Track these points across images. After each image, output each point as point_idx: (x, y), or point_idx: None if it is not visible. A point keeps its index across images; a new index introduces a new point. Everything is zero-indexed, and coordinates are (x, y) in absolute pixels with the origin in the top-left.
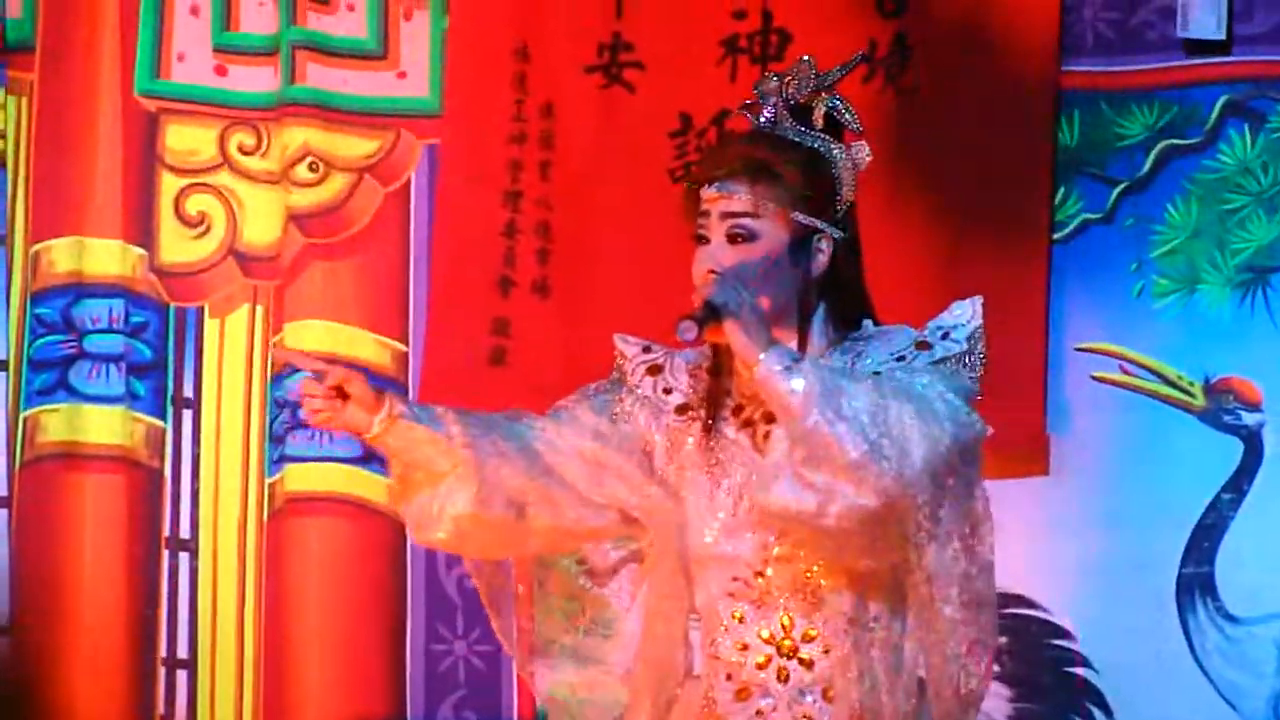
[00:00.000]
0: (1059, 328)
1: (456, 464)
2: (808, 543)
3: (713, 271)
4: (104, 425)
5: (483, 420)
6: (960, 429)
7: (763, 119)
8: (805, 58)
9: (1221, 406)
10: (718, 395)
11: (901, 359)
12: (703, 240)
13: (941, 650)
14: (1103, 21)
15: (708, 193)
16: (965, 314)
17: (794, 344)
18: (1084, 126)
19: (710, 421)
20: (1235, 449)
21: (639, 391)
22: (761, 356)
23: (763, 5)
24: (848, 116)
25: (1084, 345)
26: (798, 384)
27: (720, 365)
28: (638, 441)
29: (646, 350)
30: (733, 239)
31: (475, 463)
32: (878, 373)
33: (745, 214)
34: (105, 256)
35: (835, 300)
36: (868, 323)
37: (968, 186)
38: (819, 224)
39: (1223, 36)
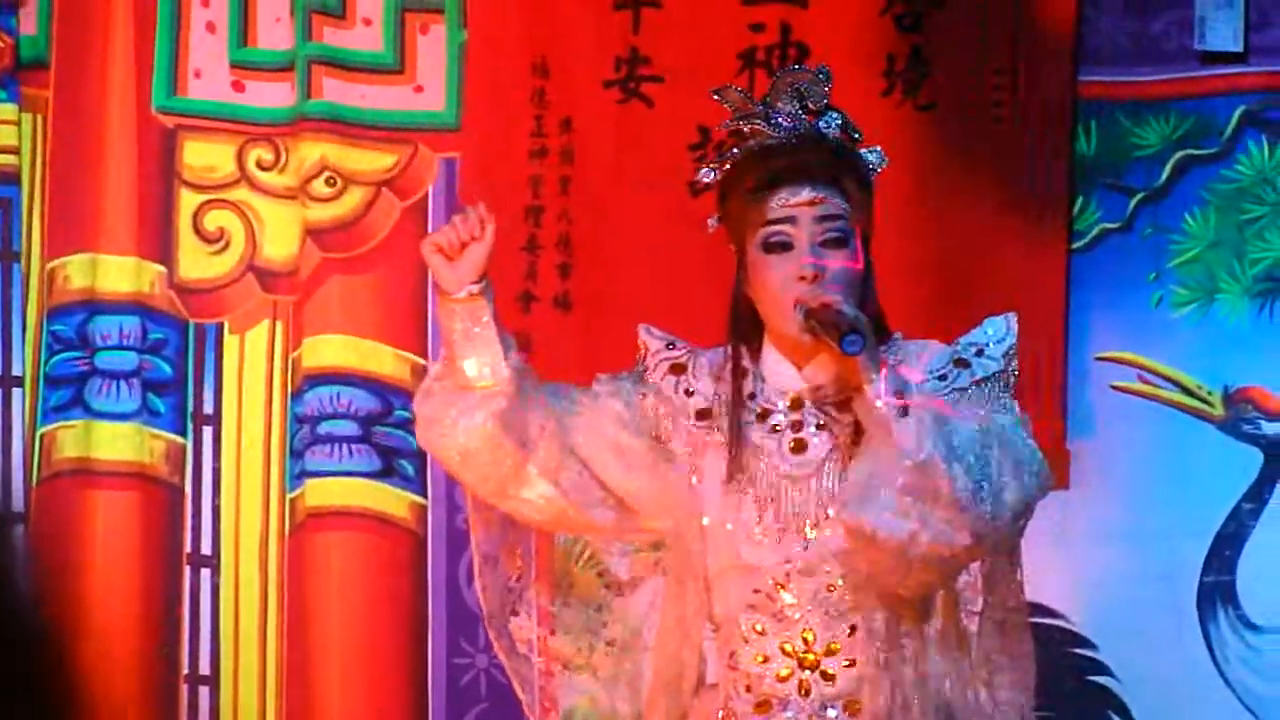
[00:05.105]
0: (1078, 337)
1: (494, 382)
2: (872, 567)
3: (818, 276)
4: (118, 442)
5: (533, 375)
6: (1043, 483)
7: (783, 123)
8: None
9: (1241, 416)
10: (741, 400)
11: (943, 378)
12: (782, 247)
13: (961, 669)
14: (1120, 32)
15: (795, 197)
16: (999, 331)
17: None
18: (1101, 136)
19: (734, 429)
20: (1255, 458)
21: (660, 389)
22: (875, 377)
23: (781, 18)
24: (854, 128)
25: (1103, 355)
26: (913, 412)
27: (742, 368)
28: (658, 434)
29: (670, 346)
30: (830, 244)
31: (514, 383)
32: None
33: (840, 217)
34: (119, 273)
35: (871, 312)
36: (898, 335)
37: (986, 197)
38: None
39: (1240, 48)
